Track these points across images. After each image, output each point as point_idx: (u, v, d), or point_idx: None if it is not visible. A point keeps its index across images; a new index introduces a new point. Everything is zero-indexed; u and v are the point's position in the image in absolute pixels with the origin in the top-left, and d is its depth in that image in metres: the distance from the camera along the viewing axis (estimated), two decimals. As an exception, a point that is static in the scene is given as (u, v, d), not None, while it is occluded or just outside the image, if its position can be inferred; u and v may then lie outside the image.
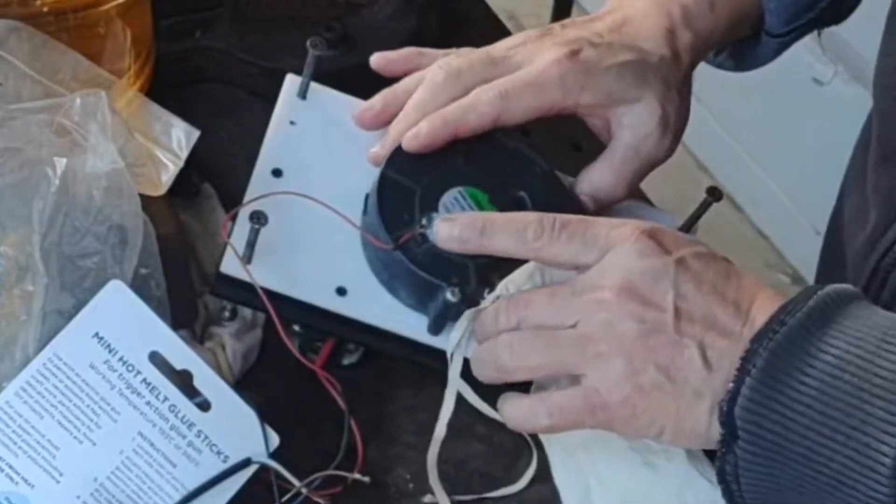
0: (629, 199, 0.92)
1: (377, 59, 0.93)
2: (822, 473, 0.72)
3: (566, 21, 0.94)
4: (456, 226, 0.81)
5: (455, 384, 0.83)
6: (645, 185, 0.94)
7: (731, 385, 0.73)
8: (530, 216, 0.80)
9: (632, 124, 0.90)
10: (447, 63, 0.90)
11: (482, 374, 0.81)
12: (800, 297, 0.74)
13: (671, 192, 0.90)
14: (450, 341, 0.83)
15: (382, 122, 0.91)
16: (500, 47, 0.91)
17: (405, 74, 0.92)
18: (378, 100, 0.91)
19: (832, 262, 1.03)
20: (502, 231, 0.80)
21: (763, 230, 2.30)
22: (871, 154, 0.94)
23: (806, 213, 2.17)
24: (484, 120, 0.87)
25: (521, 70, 0.89)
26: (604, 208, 0.90)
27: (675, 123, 0.91)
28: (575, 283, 0.78)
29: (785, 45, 1.00)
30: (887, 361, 0.71)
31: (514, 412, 0.80)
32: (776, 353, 0.72)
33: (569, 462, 0.84)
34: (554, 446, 0.85)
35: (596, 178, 0.90)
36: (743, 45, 1.00)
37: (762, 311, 0.75)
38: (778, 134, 2.18)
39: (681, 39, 0.93)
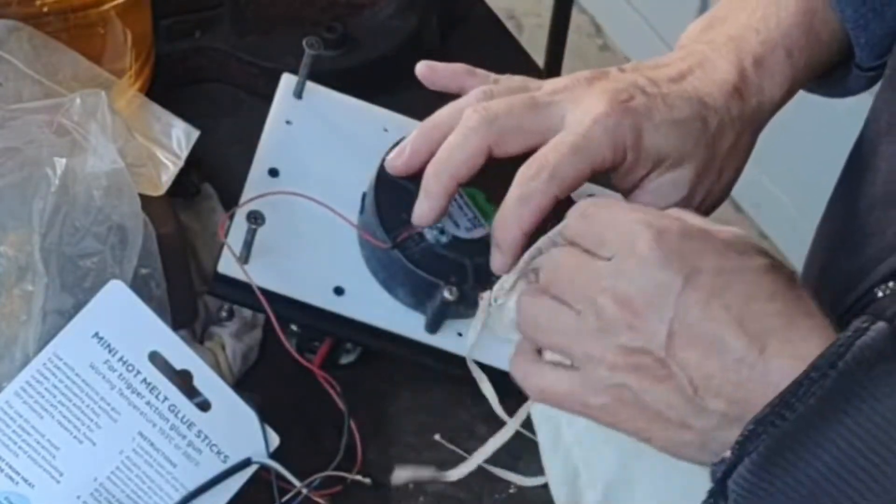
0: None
1: (422, 68, 0.85)
2: None
3: (627, 65, 0.84)
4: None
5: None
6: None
7: (727, 454, 0.67)
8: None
9: (653, 191, 0.82)
10: (484, 107, 0.80)
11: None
12: (817, 365, 0.65)
13: (671, 192, 0.90)
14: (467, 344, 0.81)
15: (413, 168, 0.83)
16: (545, 90, 0.82)
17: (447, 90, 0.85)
18: (408, 144, 0.83)
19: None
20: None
21: (765, 231, 2.30)
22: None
23: (807, 215, 2.16)
24: (545, 210, 0.78)
25: (563, 131, 0.79)
26: None
27: (700, 202, 0.83)
28: (584, 271, 0.71)
29: (877, 78, 0.90)
30: None
31: (515, 369, 0.74)
32: (782, 441, 0.66)
33: (558, 444, 0.83)
34: (542, 429, 0.84)
35: None
36: (833, 76, 0.91)
37: (779, 354, 0.67)
38: (780, 135, 2.18)
39: (747, 102, 0.85)
